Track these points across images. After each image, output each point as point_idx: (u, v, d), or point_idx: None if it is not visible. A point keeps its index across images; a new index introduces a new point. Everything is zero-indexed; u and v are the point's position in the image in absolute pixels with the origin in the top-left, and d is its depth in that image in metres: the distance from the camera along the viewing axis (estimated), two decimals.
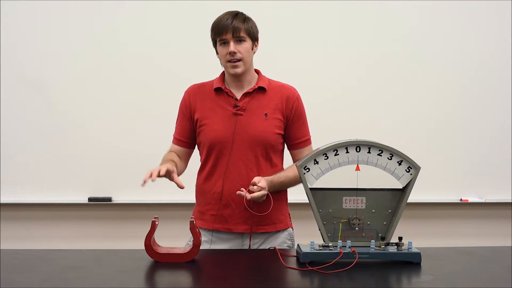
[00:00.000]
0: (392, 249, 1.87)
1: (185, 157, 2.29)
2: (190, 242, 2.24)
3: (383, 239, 1.89)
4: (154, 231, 1.87)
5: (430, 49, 3.36)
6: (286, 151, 2.30)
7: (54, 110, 3.26)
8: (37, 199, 3.29)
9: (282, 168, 2.25)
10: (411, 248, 1.86)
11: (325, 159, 1.86)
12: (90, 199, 3.29)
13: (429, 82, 3.37)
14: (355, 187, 1.89)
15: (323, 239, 1.88)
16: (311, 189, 1.86)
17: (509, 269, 1.83)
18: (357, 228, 1.90)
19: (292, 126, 2.23)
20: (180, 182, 2.02)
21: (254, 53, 2.21)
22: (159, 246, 1.89)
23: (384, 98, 3.35)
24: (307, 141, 2.27)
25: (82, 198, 3.30)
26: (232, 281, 1.72)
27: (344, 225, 1.90)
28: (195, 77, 2.35)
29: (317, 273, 1.73)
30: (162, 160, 2.20)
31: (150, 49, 3.26)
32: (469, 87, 3.39)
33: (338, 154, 1.86)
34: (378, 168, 1.87)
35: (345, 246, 1.84)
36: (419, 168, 1.86)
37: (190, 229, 1.89)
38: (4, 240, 3.24)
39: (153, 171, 1.96)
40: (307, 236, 2.03)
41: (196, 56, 3.12)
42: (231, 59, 2.13)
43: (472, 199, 3.43)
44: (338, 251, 1.82)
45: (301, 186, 1.88)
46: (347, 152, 1.86)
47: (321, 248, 1.85)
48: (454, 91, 3.38)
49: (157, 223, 1.87)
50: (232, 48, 2.12)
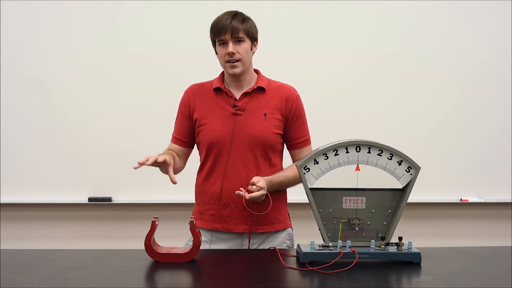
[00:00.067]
0: (392, 249, 1.87)
1: (184, 156, 2.28)
2: (189, 242, 2.24)
3: (383, 239, 1.89)
4: (154, 231, 1.87)
5: (430, 49, 3.36)
6: (286, 151, 2.30)
7: (54, 110, 3.27)
8: (37, 199, 3.29)
9: (282, 168, 2.24)
10: (411, 248, 1.86)
11: (325, 159, 1.86)
12: (90, 199, 3.29)
13: (429, 82, 3.37)
14: (355, 187, 1.89)
15: (323, 239, 1.88)
16: (311, 189, 1.86)
17: (509, 269, 1.83)
18: (357, 228, 1.90)
19: (292, 126, 2.22)
20: (173, 177, 2.02)
21: (253, 53, 2.21)
22: (159, 246, 1.89)
23: (384, 98, 3.35)
24: (307, 141, 2.27)
25: (82, 198, 3.30)
26: (232, 281, 1.72)
27: (344, 225, 1.90)
28: (195, 77, 2.35)
29: (317, 273, 1.73)
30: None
31: (150, 49, 3.26)
32: (469, 87, 3.39)
33: (338, 154, 1.86)
34: (378, 168, 1.87)
35: (345, 246, 1.84)
36: (419, 168, 1.86)
37: (190, 229, 1.89)
38: (4, 240, 3.24)
39: (150, 157, 1.96)
40: (307, 236, 2.03)
41: (196, 56, 3.12)
42: (229, 59, 2.13)
43: (472, 199, 3.43)
44: (338, 251, 1.82)
45: (301, 186, 1.88)
46: (347, 152, 1.86)
47: (321, 248, 1.84)
48: (454, 91, 3.38)
49: (157, 223, 1.87)
50: (230, 48, 2.11)
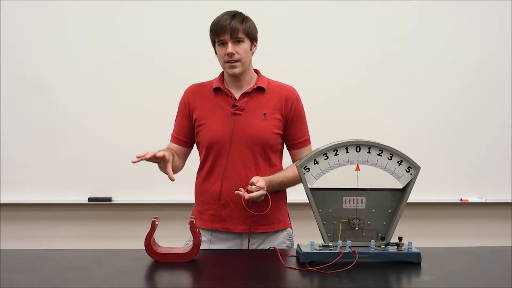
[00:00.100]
0: (392, 249, 1.87)
1: (183, 156, 2.28)
2: (189, 242, 2.24)
3: (383, 239, 1.88)
4: (154, 231, 1.87)
5: (430, 49, 3.36)
6: (285, 151, 2.30)
7: (54, 110, 3.27)
8: (37, 199, 3.29)
9: (281, 168, 2.24)
10: (411, 248, 1.86)
11: (325, 159, 1.86)
12: (90, 199, 3.29)
13: (429, 82, 3.37)
14: (355, 187, 1.89)
15: (323, 239, 1.88)
16: (311, 189, 1.86)
17: (509, 269, 1.83)
18: (357, 228, 1.90)
19: (291, 126, 2.22)
20: (171, 174, 2.02)
21: (253, 53, 2.20)
22: (159, 246, 1.89)
23: (384, 98, 3.35)
24: (307, 141, 2.27)
25: (82, 198, 3.30)
26: (232, 281, 1.72)
27: (344, 225, 1.90)
28: (195, 77, 2.34)
29: (317, 273, 1.73)
30: None
31: (150, 49, 3.26)
32: (469, 87, 3.39)
33: (338, 154, 1.86)
34: (378, 168, 1.87)
35: (345, 246, 1.84)
36: (419, 168, 1.86)
37: (190, 229, 1.89)
38: (4, 240, 3.24)
39: (150, 151, 1.96)
40: (307, 236, 2.03)
41: (196, 56, 3.12)
42: (229, 60, 2.13)
43: (472, 199, 3.43)
44: (338, 251, 1.82)
45: (301, 186, 1.88)
46: (347, 152, 1.86)
47: (321, 248, 1.84)
48: (454, 91, 3.38)
49: (157, 223, 1.87)
50: (230, 49, 2.11)
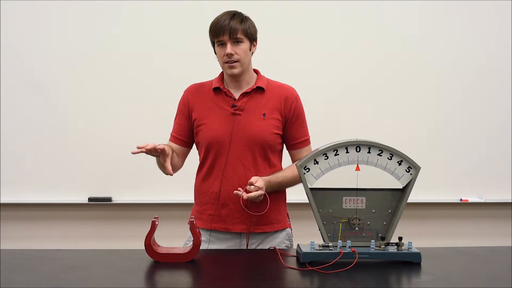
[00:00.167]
0: (392, 249, 1.87)
1: (182, 155, 2.28)
2: (188, 242, 2.24)
3: (383, 239, 1.88)
4: (154, 231, 1.87)
5: (430, 49, 3.36)
6: (285, 151, 2.29)
7: (54, 110, 3.26)
8: (37, 199, 3.29)
9: (281, 168, 2.24)
10: (411, 248, 1.86)
11: (325, 159, 1.86)
12: (90, 199, 3.29)
13: (429, 82, 3.37)
14: (355, 187, 1.89)
15: (323, 239, 1.88)
16: (311, 189, 1.86)
17: (509, 269, 1.83)
18: (357, 228, 1.90)
19: (291, 126, 2.22)
20: (169, 168, 2.03)
21: (252, 53, 2.20)
22: (159, 246, 1.89)
23: (384, 98, 3.35)
24: (306, 141, 2.26)
25: (82, 198, 3.30)
26: (232, 281, 1.72)
27: (344, 225, 1.90)
28: (195, 77, 2.34)
29: (317, 273, 1.73)
30: None
31: (150, 49, 3.26)
32: (469, 87, 3.39)
33: (338, 154, 1.86)
34: (378, 168, 1.87)
35: (345, 246, 1.84)
36: (419, 168, 1.86)
37: (190, 229, 1.89)
38: (4, 240, 3.24)
39: (150, 143, 1.97)
40: (307, 236, 2.03)
41: (196, 56, 3.12)
42: (228, 60, 2.13)
43: (472, 199, 3.42)
44: (338, 251, 1.82)
45: (301, 186, 1.88)
46: (347, 152, 1.86)
47: (321, 248, 1.84)
48: (454, 91, 3.38)
49: (157, 223, 1.87)
50: (229, 50, 2.11)
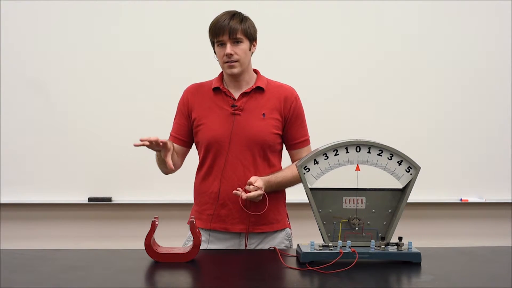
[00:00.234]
0: (392, 249, 1.87)
1: (181, 155, 2.28)
2: (187, 242, 2.24)
3: (383, 239, 1.88)
4: (154, 231, 1.87)
5: (430, 49, 3.36)
6: (285, 151, 2.29)
7: (54, 110, 3.26)
8: (37, 199, 3.29)
9: (281, 168, 2.24)
10: (411, 248, 1.86)
11: (325, 159, 1.86)
12: (90, 199, 3.29)
13: (429, 82, 3.37)
14: (355, 187, 1.89)
15: (323, 239, 1.88)
16: (311, 189, 1.86)
17: (509, 269, 1.83)
18: (357, 228, 1.90)
19: (291, 126, 2.22)
20: (170, 163, 2.04)
21: (252, 53, 2.20)
22: (159, 246, 1.89)
23: (384, 98, 3.35)
24: (306, 142, 2.26)
25: (82, 198, 3.30)
26: (232, 281, 1.72)
27: (344, 225, 1.90)
28: (195, 77, 2.34)
29: (317, 273, 1.73)
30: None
31: (150, 49, 3.26)
32: (469, 87, 3.39)
33: (338, 154, 1.86)
34: (378, 168, 1.87)
35: (345, 246, 1.84)
36: (419, 168, 1.86)
37: (190, 229, 1.89)
38: (4, 240, 3.24)
39: (153, 136, 1.97)
40: (306, 236, 2.02)
41: (196, 56, 3.12)
42: (228, 60, 2.13)
43: (472, 199, 3.42)
44: (338, 251, 1.82)
45: (301, 186, 1.88)
46: (347, 152, 1.86)
47: (321, 248, 1.84)
48: (454, 91, 3.38)
49: (157, 223, 1.87)
50: (228, 50, 2.11)
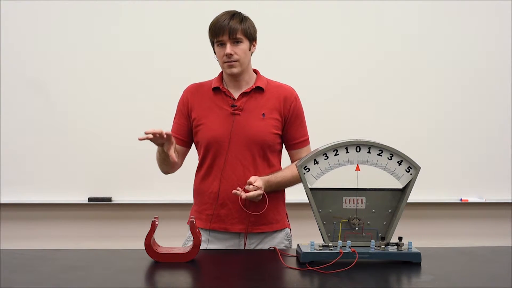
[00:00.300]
0: (392, 249, 1.87)
1: (181, 155, 2.27)
2: (187, 241, 2.24)
3: (383, 239, 1.88)
4: (154, 231, 1.87)
5: (430, 49, 3.36)
6: (284, 151, 2.29)
7: (54, 110, 3.26)
8: (37, 199, 3.29)
9: (280, 168, 2.24)
10: (411, 248, 1.86)
11: (325, 159, 1.86)
12: (90, 199, 3.29)
13: (429, 82, 3.37)
14: (355, 187, 1.89)
15: (323, 239, 1.88)
16: (311, 189, 1.86)
17: (509, 269, 1.83)
18: (357, 228, 1.90)
19: (290, 126, 2.22)
20: (173, 156, 2.04)
21: (252, 53, 2.20)
22: (159, 246, 1.89)
23: (384, 98, 3.35)
24: (305, 142, 2.26)
25: (82, 198, 3.30)
26: (232, 281, 1.72)
27: (344, 225, 1.90)
28: (195, 77, 2.34)
29: (317, 273, 1.73)
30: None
31: (150, 49, 3.26)
32: (469, 87, 3.39)
33: (338, 154, 1.86)
34: (378, 168, 1.87)
35: (345, 246, 1.84)
36: (419, 168, 1.86)
37: (190, 229, 1.89)
38: (4, 240, 3.24)
39: (157, 128, 1.97)
40: (306, 236, 2.02)
41: (196, 56, 3.11)
42: (227, 60, 2.13)
43: (472, 199, 3.42)
44: (338, 251, 1.82)
45: (301, 186, 1.88)
46: (347, 152, 1.86)
47: (321, 248, 1.84)
48: (454, 91, 3.38)
49: (157, 223, 1.87)
50: (228, 50, 2.11)
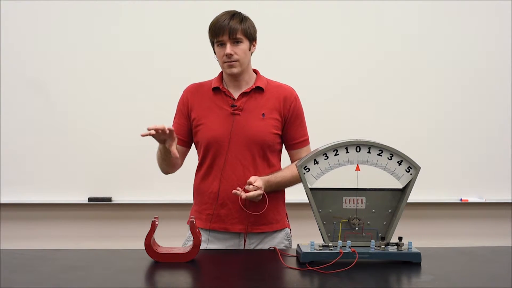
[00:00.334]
0: (392, 249, 1.87)
1: (181, 155, 2.27)
2: (187, 241, 2.24)
3: (383, 239, 1.88)
4: (154, 231, 1.87)
5: (430, 49, 3.36)
6: (284, 151, 2.29)
7: (54, 110, 3.26)
8: (37, 199, 3.29)
9: (280, 168, 2.24)
10: (411, 248, 1.86)
11: (325, 159, 1.86)
12: (90, 199, 3.29)
13: (429, 82, 3.37)
14: (355, 187, 1.89)
15: (323, 239, 1.88)
16: (311, 189, 1.86)
17: (509, 269, 1.83)
18: (357, 228, 1.90)
19: (290, 126, 2.22)
20: (175, 151, 2.03)
21: (252, 53, 2.20)
22: (159, 246, 1.89)
23: (384, 98, 3.35)
24: (305, 142, 2.26)
25: (82, 198, 3.30)
26: (232, 281, 1.72)
27: (344, 225, 1.90)
28: (195, 77, 2.34)
29: (317, 273, 1.73)
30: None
31: (150, 49, 3.26)
32: (469, 87, 3.39)
33: (338, 154, 1.86)
34: (378, 168, 1.87)
35: (345, 246, 1.84)
36: (419, 168, 1.86)
37: (190, 229, 1.89)
38: (4, 240, 3.24)
39: (159, 124, 1.97)
40: (306, 236, 2.02)
41: (196, 56, 3.11)
42: (227, 60, 2.13)
43: (472, 199, 3.42)
44: (338, 251, 1.82)
45: (301, 186, 1.88)
46: (347, 152, 1.86)
47: (321, 248, 1.84)
48: (454, 91, 3.38)
49: (157, 223, 1.87)
50: (228, 50, 2.11)
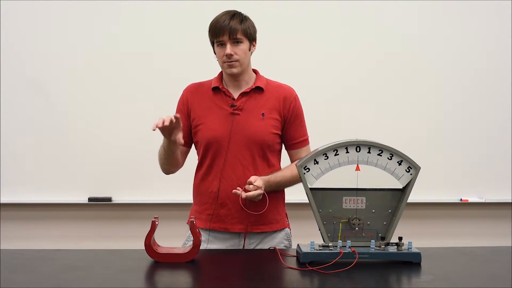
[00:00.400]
0: (392, 249, 1.87)
1: (181, 154, 2.27)
2: (187, 241, 2.24)
3: (383, 239, 1.88)
4: (154, 231, 1.87)
5: (430, 49, 3.36)
6: (284, 151, 2.29)
7: (54, 110, 3.26)
8: (37, 199, 3.29)
9: (280, 168, 2.24)
10: (411, 248, 1.86)
11: (325, 159, 1.86)
12: (90, 199, 3.29)
13: (429, 82, 3.37)
14: (355, 187, 1.89)
15: (323, 239, 1.88)
16: (311, 189, 1.86)
17: (509, 269, 1.83)
18: (357, 228, 1.90)
19: (290, 126, 2.22)
20: (181, 139, 2.03)
21: (251, 53, 2.20)
22: (159, 246, 1.89)
23: (384, 98, 3.35)
24: (305, 142, 2.26)
25: (82, 198, 3.30)
26: (232, 281, 1.72)
27: (344, 225, 1.90)
28: (195, 77, 2.34)
29: (317, 273, 1.73)
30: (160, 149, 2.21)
31: (150, 49, 3.26)
32: (469, 87, 3.39)
33: (338, 154, 1.86)
34: (378, 168, 1.87)
35: (345, 246, 1.84)
36: (419, 168, 1.86)
37: (190, 229, 1.89)
38: (4, 240, 3.24)
39: (166, 117, 1.96)
40: (306, 236, 2.02)
41: (196, 56, 3.11)
42: (227, 60, 2.13)
43: (472, 199, 3.42)
44: (338, 251, 1.82)
45: (301, 186, 1.88)
46: (347, 152, 1.86)
47: (321, 248, 1.84)
48: (454, 91, 3.38)
49: (157, 223, 1.87)
50: (228, 50, 2.11)
